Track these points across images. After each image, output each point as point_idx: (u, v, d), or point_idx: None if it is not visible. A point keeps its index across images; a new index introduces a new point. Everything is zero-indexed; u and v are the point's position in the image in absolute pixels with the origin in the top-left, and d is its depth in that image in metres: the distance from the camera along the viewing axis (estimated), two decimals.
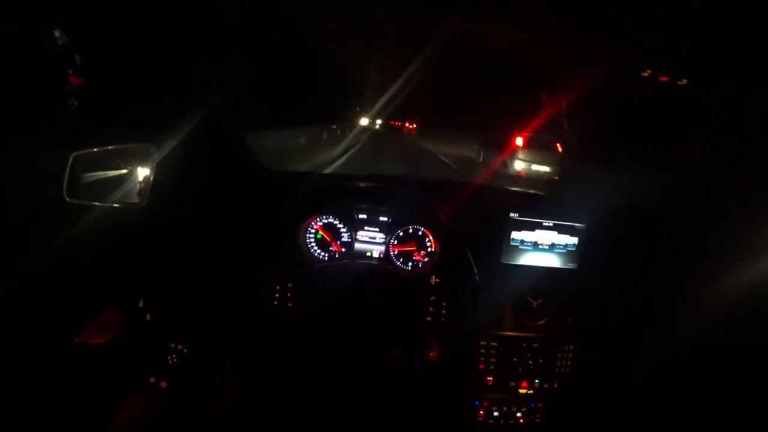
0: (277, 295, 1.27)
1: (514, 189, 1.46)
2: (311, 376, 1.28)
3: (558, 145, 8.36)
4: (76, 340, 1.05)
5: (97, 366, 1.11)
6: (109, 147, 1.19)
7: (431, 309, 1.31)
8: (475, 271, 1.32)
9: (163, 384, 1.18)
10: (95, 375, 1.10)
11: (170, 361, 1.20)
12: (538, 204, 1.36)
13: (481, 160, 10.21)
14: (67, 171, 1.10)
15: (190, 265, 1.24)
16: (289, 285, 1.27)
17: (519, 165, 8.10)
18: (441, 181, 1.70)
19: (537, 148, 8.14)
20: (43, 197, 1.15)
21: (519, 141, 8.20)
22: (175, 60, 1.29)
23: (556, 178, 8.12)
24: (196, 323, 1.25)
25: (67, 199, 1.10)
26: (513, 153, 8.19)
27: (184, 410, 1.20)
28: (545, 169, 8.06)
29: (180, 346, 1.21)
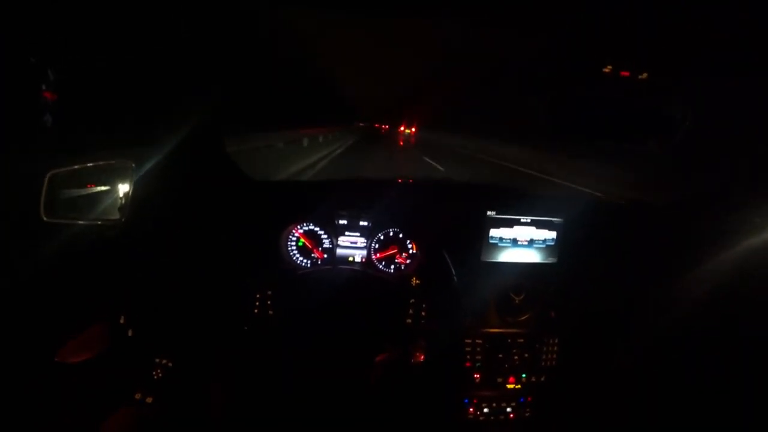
0: (257, 304, 1.28)
1: (490, 184, 1.48)
2: (297, 383, 1.28)
3: None
4: (57, 358, 1.05)
5: (80, 383, 1.10)
6: (87, 164, 1.19)
7: (411, 311, 1.33)
8: (453, 272, 1.33)
9: (149, 399, 1.17)
10: (79, 392, 1.09)
11: (155, 376, 1.19)
12: (515, 201, 1.38)
13: None
14: (44, 190, 1.10)
15: (172, 277, 1.24)
16: (269, 293, 1.28)
17: None
18: (418, 183, 1.72)
19: None
20: (21, 213, 1.15)
21: None
22: (157, 70, 1.29)
23: None
24: (180, 336, 1.24)
25: (45, 218, 1.10)
26: None
27: (171, 425, 1.19)
28: None
29: (165, 360, 1.21)
